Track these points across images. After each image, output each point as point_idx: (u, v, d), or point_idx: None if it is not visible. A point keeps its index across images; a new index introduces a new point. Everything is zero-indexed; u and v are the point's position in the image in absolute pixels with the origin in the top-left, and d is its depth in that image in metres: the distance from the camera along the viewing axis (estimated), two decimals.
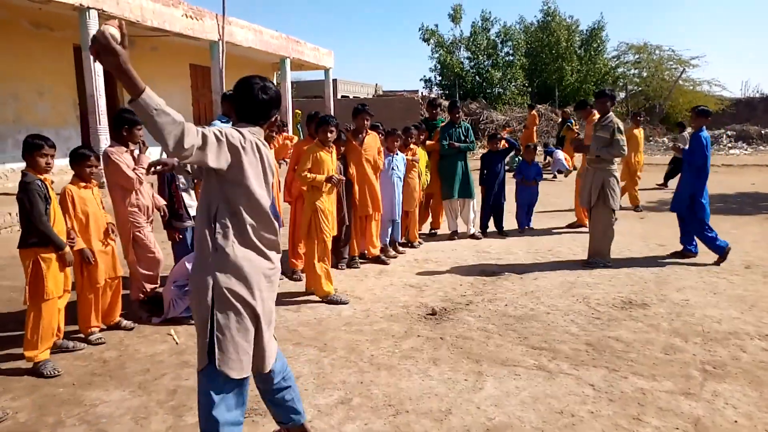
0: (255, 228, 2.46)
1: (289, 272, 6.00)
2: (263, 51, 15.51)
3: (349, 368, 3.81)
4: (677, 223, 6.72)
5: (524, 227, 8.31)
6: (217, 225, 2.40)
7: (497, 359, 3.94)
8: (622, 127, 6.25)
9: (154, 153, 5.06)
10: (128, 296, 4.93)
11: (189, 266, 4.72)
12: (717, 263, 6.29)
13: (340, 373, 3.71)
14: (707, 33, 67.46)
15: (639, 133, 10.84)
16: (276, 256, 2.58)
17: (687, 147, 6.53)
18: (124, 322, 4.61)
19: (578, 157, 12.23)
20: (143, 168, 4.59)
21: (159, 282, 4.98)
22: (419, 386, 3.55)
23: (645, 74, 28.47)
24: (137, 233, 4.66)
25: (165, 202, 4.93)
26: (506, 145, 8.17)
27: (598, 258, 6.31)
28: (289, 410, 2.84)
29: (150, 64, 13.31)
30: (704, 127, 6.45)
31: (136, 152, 4.68)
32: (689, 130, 10.50)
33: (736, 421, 3.12)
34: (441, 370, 3.77)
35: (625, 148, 6.26)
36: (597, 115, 6.72)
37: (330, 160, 5.25)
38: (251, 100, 2.50)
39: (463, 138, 7.66)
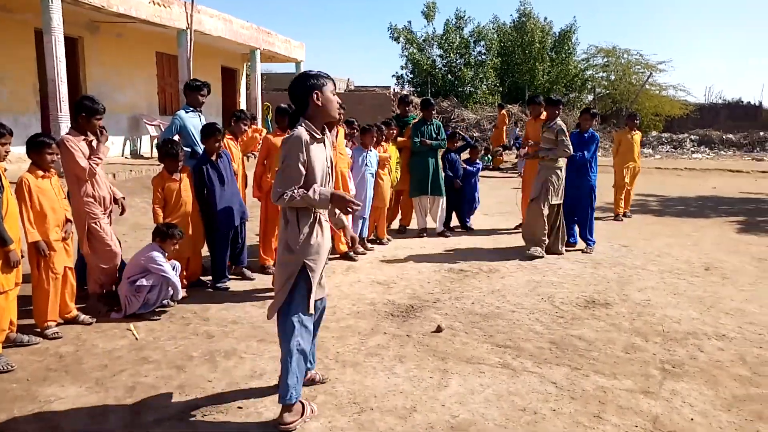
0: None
1: (258, 268, 5.93)
2: (233, 41, 15.25)
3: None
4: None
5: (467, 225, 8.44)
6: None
7: (462, 357, 3.95)
8: (565, 129, 6.74)
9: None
10: (86, 290, 4.79)
11: (143, 262, 4.62)
12: (583, 251, 7.01)
13: None
14: (675, 38, 69.06)
15: (633, 137, 9.65)
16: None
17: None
18: (83, 317, 4.48)
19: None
20: (99, 158, 4.46)
21: (118, 276, 4.85)
22: (384, 384, 3.54)
23: (613, 77, 28.99)
24: (93, 225, 4.52)
25: (123, 195, 4.80)
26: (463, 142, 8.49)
27: (534, 246, 6.69)
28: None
29: (115, 51, 12.96)
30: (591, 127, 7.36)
31: (94, 141, 4.53)
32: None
33: (692, 419, 3.19)
34: (407, 368, 3.76)
35: (570, 148, 6.70)
36: (544, 114, 7.36)
37: None
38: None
39: (434, 135, 7.67)
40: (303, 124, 2.96)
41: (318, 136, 3.00)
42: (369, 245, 7.07)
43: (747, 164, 18.71)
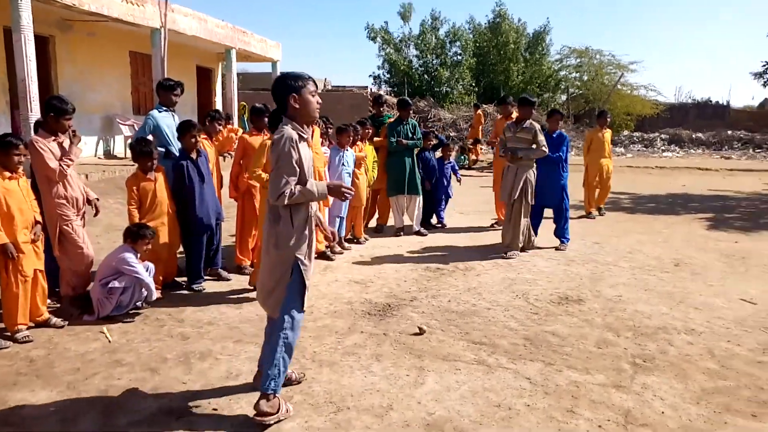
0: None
1: (234, 269, 5.89)
2: (208, 40, 15.08)
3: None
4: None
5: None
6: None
7: (439, 354, 3.98)
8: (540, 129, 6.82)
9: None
10: (58, 292, 4.71)
11: (115, 264, 4.55)
12: (558, 249, 7.09)
13: None
14: (646, 39, 70.54)
15: (604, 135, 9.65)
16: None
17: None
18: (54, 320, 4.40)
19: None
20: (70, 159, 4.39)
21: (91, 279, 4.78)
22: (361, 382, 3.55)
23: (586, 78, 29.39)
24: (65, 227, 4.44)
25: (96, 197, 4.73)
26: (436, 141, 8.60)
27: (514, 249, 6.72)
28: None
29: (87, 50, 12.73)
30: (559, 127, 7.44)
31: (66, 142, 4.46)
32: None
33: (663, 412, 3.26)
34: (383, 366, 3.78)
35: (547, 148, 6.76)
36: (515, 115, 7.31)
37: None
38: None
39: (410, 135, 7.70)
40: (289, 124, 3.02)
41: (305, 135, 3.09)
42: (346, 244, 7.07)
43: (715, 162, 19.14)
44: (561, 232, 7.24)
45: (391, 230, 8.00)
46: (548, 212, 7.42)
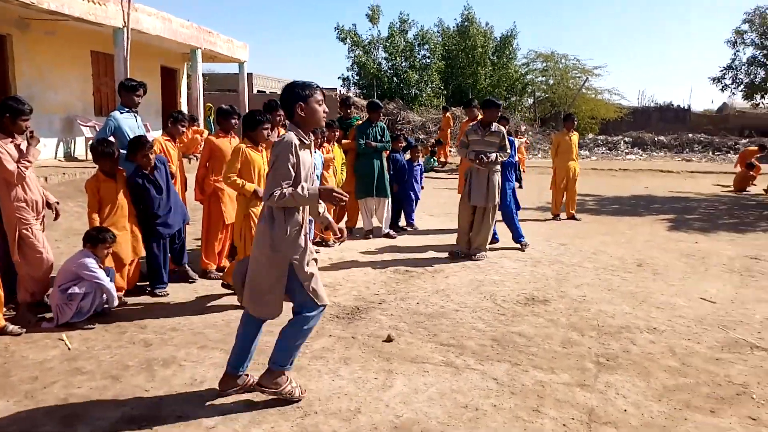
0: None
1: (199, 273, 5.79)
2: (172, 40, 14.84)
3: (257, 371, 3.70)
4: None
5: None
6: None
7: (407, 357, 3.98)
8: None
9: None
10: (16, 299, 4.57)
11: (74, 269, 4.43)
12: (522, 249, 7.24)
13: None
14: (610, 44, 72.41)
15: (570, 137, 9.80)
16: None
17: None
18: (11, 327, 4.25)
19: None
20: (28, 161, 4.26)
21: (50, 285, 4.64)
22: (329, 386, 3.53)
23: (551, 82, 29.92)
24: (24, 231, 4.31)
25: (56, 200, 4.60)
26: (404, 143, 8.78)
27: (483, 250, 6.80)
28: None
29: (46, 49, 12.39)
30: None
31: (24, 144, 4.32)
32: None
33: (625, 410, 3.32)
34: (351, 370, 3.77)
35: (510, 151, 6.89)
36: (480, 117, 7.21)
37: (261, 161, 5.05)
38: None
39: (379, 137, 7.71)
40: (294, 131, 3.16)
41: (306, 142, 3.22)
42: (315, 248, 7.01)
43: (677, 165, 19.65)
44: (515, 235, 7.32)
45: (360, 233, 7.99)
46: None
